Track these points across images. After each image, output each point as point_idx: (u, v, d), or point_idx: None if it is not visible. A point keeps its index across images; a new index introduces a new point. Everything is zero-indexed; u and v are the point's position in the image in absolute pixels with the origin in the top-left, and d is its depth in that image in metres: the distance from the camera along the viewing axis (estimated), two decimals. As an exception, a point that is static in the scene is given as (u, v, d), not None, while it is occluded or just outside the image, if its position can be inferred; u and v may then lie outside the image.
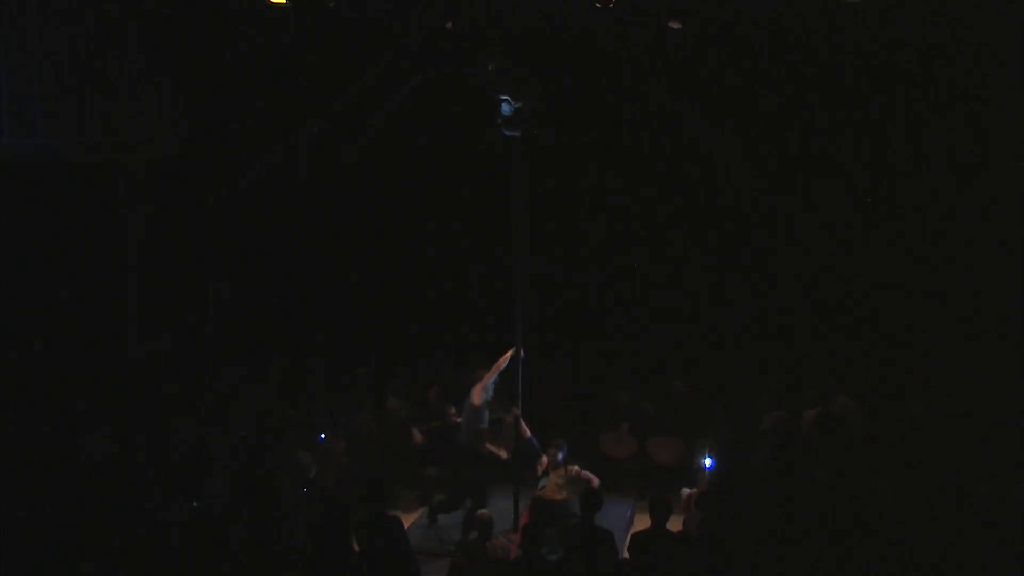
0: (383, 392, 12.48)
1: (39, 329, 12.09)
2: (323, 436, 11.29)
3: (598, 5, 11.22)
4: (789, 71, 12.99)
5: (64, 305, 12.33)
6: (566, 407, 12.74)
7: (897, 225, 13.04)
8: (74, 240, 12.49)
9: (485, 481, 11.03)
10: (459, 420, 11.32)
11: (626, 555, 8.94)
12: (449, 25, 11.67)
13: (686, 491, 10.80)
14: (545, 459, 10.88)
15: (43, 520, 8.66)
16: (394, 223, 14.28)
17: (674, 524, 8.94)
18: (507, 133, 10.36)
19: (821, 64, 12.88)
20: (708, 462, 10.72)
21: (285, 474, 10.14)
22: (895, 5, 11.98)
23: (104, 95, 12.88)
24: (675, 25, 12.06)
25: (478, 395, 10.86)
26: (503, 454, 11.15)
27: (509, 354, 10.87)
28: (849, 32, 12.45)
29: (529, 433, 10.99)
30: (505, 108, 10.14)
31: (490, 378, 10.93)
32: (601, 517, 8.86)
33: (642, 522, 9.20)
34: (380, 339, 13.94)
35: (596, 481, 10.53)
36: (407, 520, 10.84)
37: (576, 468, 10.71)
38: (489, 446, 11.10)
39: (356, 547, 8.84)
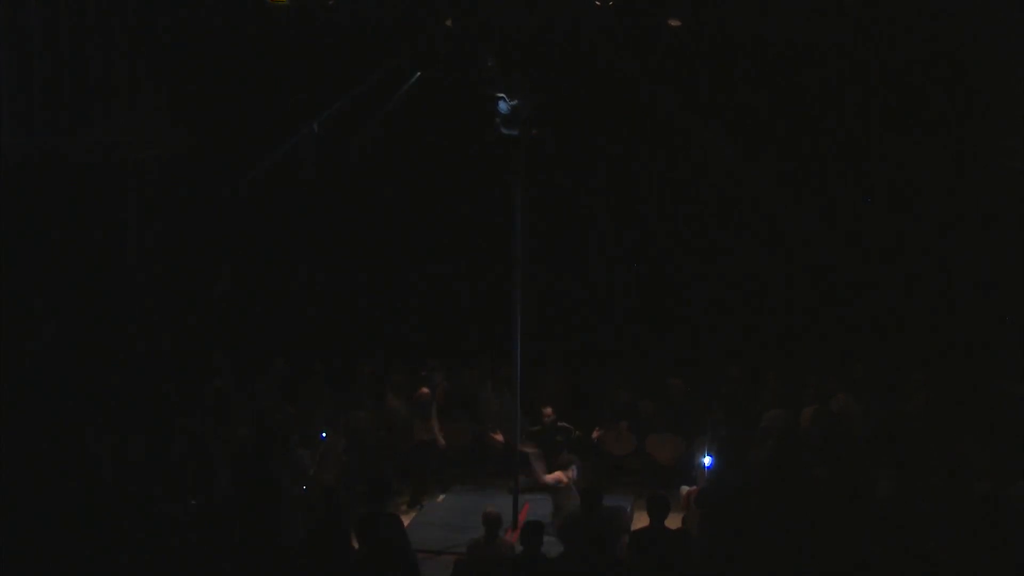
0: (383, 390, 12.50)
1: (40, 327, 12.12)
2: (324, 435, 11.31)
3: (597, 4, 11.24)
4: (786, 71, 13.01)
5: (64, 304, 12.36)
6: (565, 405, 12.74)
7: (896, 223, 13.06)
8: (74, 239, 12.52)
9: None
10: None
11: (625, 553, 8.95)
12: (449, 24, 11.68)
13: (685, 489, 10.81)
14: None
15: (44, 519, 8.68)
16: (393, 222, 14.30)
17: (673, 522, 8.96)
18: (505, 132, 10.36)
19: (817, 64, 12.91)
20: (708, 461, 10.73)
21: (285, 472, 10.16)
22: (893, 5, 12.02)
23: (104, 95, 12.91)
24: (674, 23, 12.08)
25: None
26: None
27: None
28: (846, 33, 12.48)
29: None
30: (503, 107, 10.14)
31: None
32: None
33: (641, 520, 9.21)
34: (381, 338, 13.96)
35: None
36: (407, 518, 10.88)
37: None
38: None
39: (356, 545, 8.87)
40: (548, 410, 11.88)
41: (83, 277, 12.60)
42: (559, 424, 11.88)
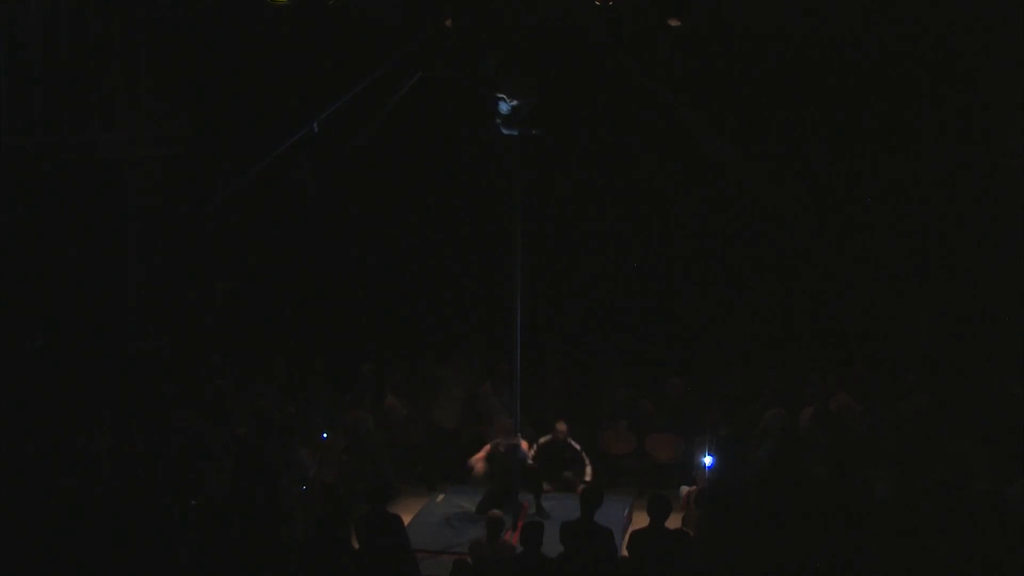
0: (383, 390, 12.51)
1: (40, 325, 12.12)
2: (325, 435, 11.31)
3: (596, 3, 11.22)
4: (786, 70, 13.00)
5: (64, 302, 12.35)
6: (565, 404, 12.75)
7: (896, 222, 13.05)
8: (75, 237, 12.52)
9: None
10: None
11: (625, 553, 8.96)
12: (448, 24, 11.67)
13: (685, 489, 10.83)
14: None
15: (42, 517, 8.68)
16: (393, 221, 14.30)
17: (673, 522, 8.95)
18: (505, 132, 10.36)
19: (818, 63, 12.90)
20: (708, 461, 10.73)
21: (285, 473, 10.16)
22: (893, 4, 12.01)
23: (104, 94, 12.91)
24: (674, 23, 12.06)
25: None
26: None
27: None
28: (846, 31, 12.47)
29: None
30: (503, 107, 10.14)
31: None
32: (600, 514, 8.88)
33: (641, 519, 9.21)
34: (380, 337, 13.96)
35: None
36: (407, 517, 10.87)
37: None
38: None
39: (356, 545, 8.87)
40: (562, 426, 11.64)
41: (82, 275, 12.59)
42: (569, 441, 11.69)
